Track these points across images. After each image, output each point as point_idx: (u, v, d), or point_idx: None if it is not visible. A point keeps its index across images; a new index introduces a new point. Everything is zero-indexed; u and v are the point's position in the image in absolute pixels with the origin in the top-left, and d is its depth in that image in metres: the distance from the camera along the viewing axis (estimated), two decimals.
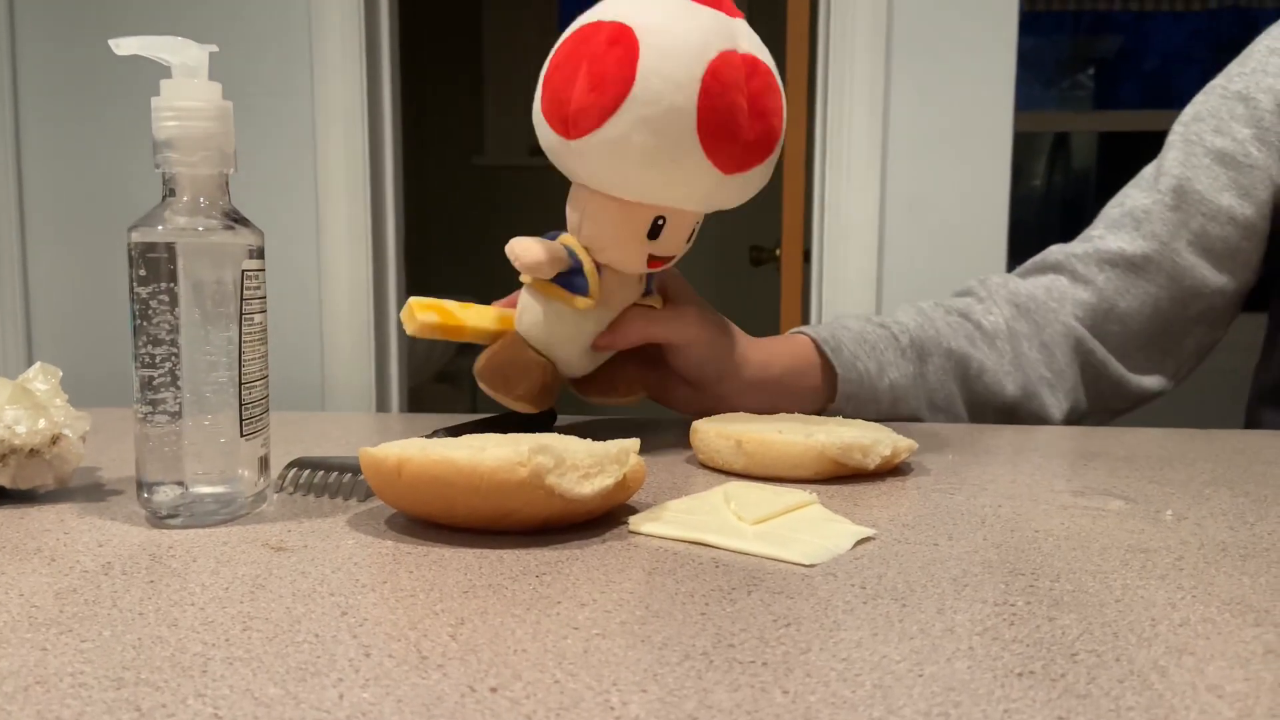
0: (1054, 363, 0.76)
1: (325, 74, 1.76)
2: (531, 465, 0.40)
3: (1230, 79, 0.79)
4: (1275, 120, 0.76)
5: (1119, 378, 0.77)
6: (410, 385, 2.15)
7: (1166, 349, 0.78)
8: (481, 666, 0.29)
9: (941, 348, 0.73)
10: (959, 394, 0.74)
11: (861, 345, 0.71)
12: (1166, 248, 0.76)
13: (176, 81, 0.44)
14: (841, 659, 0.30)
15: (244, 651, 0.30)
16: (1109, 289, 0.77)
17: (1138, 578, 0.38)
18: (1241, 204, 0.76)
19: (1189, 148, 0.78)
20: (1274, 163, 0.76)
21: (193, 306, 0.43)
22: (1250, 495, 0.51)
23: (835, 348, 0.70)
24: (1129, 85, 3.36)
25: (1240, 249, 0.76)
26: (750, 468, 0.54)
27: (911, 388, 0.72)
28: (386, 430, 0.73)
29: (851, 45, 1.66)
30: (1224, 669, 0.30)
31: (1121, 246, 0.77)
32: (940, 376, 0.73)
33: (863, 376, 0.69)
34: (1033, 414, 0.75)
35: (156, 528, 0.44)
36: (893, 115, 1.68)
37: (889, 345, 0.72)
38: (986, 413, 0.75)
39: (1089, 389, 0.77)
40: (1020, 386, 0.74)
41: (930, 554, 0.40)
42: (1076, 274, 0.77)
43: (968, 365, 0.73)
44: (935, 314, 0.76)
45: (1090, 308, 0.77)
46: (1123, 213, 0.79)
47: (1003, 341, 0.75)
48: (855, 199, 1.68)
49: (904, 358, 0.72)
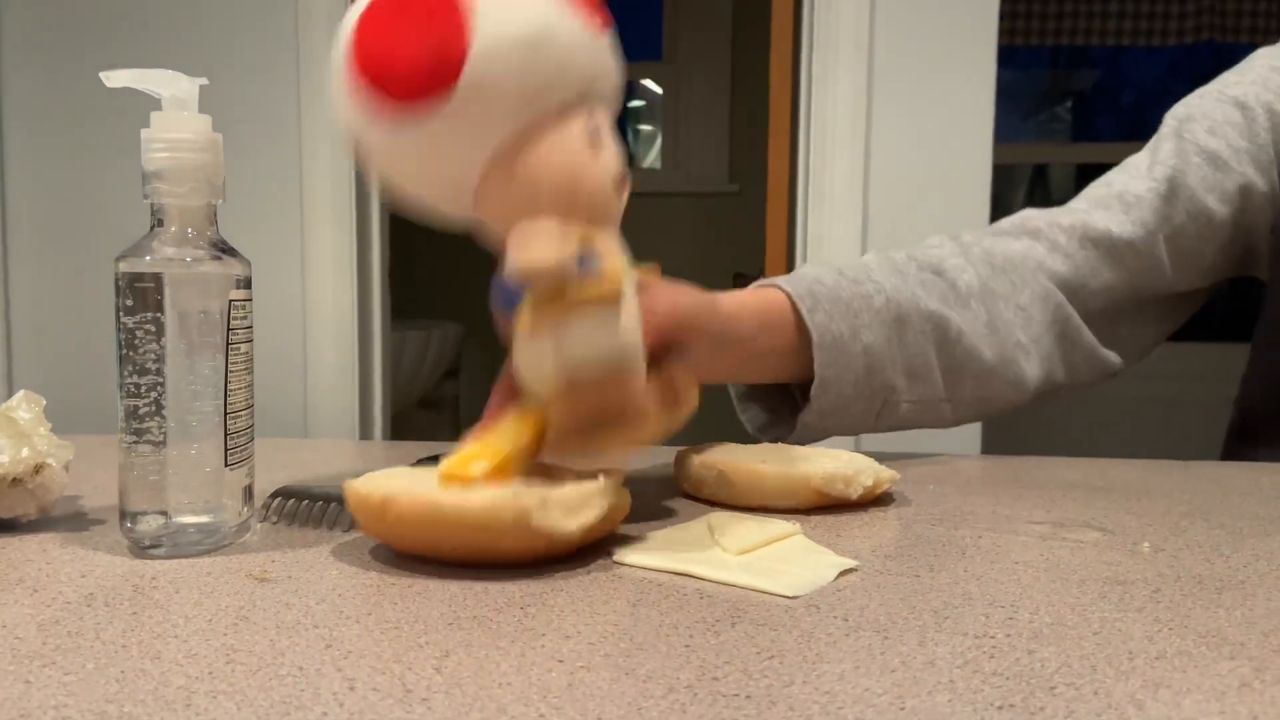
0: (1030, 327, 0.73)
1: (311, 101, 1.76)
2: (515, 508, 0.40)
3: (1227, 85, 0.79)
4: (1270, 138, 0.76)
5: (1090, 347, 0.76)
6: (394, 411, 2.14)
7: (1115, 332, 0.78)
8: (466, 700, 0.30)
9: (920, 310, 0.69)
10: (936, 359, 0.70)
11: (836, 303, 0.66)
12: (1151, 237, 0.75)
13: (167, 114, 0.44)
14: (824, 692, 0.30)
15: (227, 685, 0.30)
16: (1085, 267, 0.75)
17: (1115, 610, 0.38)
18: (1220, 207, 0.76)
19: (1181, 143, 0.77)
20: (1259, 177, 0.76)
21: (179, 336, 0.43)
22: (1226, 527, 0.51)
23: (811, 306, 0.65)
24: (1106, 118, 3.40)
25: (1203, 252, 0.77)
26: (734, 498, 0.54)
27: (886, 353, 0.68)
28: (369, 458, 0.73)
29: (834, 78, 1.68)
30: (1200, 702, 0.30)
31: (1109, 227, 0.75)
32: (919, 341, 0.69)
33: (837, 339, 0.65)
34: (1007, 382, 0.72)
35: (139, 558, 0.44)
36: (874, 146, 1.70)
37: (863, 305, 0.67)
38: (964, 379, 0.71)
39: (1064, 358, 0.75)
40: (996, 352, 0.72)
41: (912, 585, 0.41)
42: (1056, 244, 0.75)
43: (946, 329, 0.70)
44: (907, 269, 0.72)
45: (1063, 280, 0.75)
46: (1111, 194, 0.77)
47: (976, 303, 0.72)
48: (837, 229, 1.70)
49: (879, 319, 0.67)
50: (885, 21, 1.68)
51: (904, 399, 0.70)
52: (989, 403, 0.73)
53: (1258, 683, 0.31)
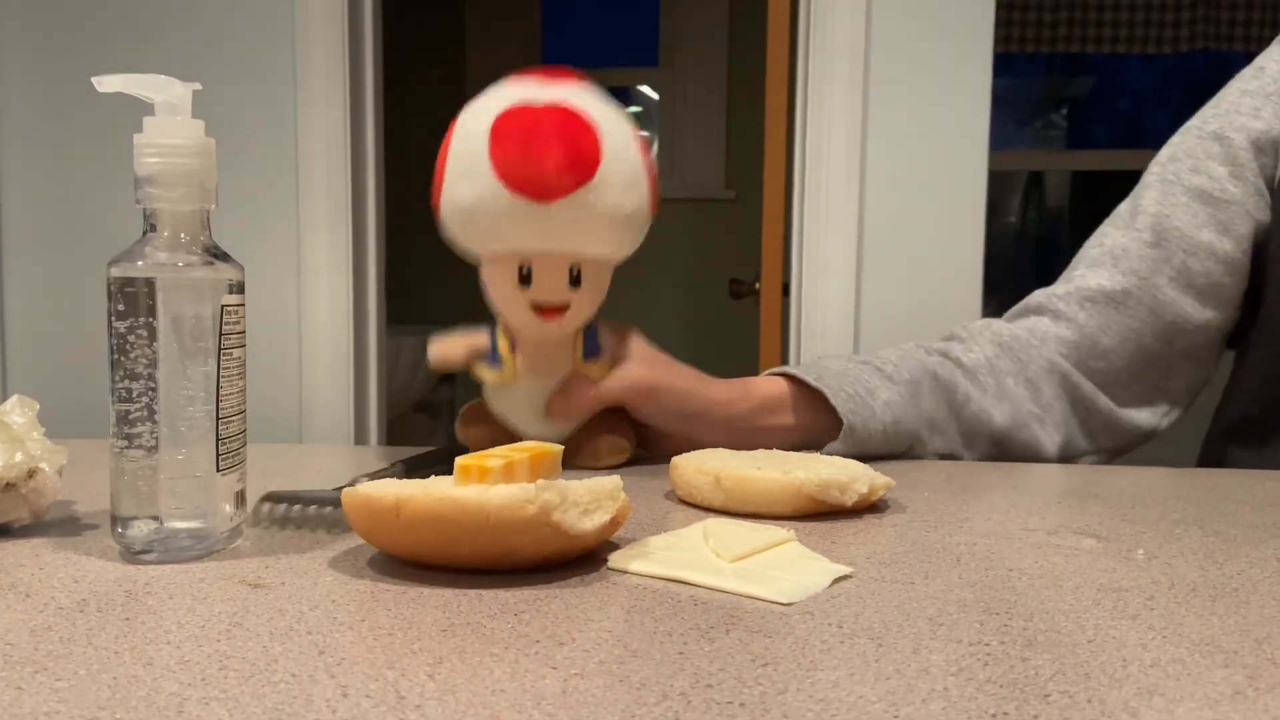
0: (1040, 398, 0.76)
1: (309, 105, 1.76)
2: (539, 502, 0.40)
3: (1205, 120, 0.81)
4: (1249, 157, 0.77)
5: (1108, 413, 0.77)
6: (389, 416, 2.14)
7: (1156, 386, 0.79)
8: (459, 707, 0.29)
9: (929, 374, 0.73)
10: (950, 420, 0.74)
11: (844, 377, 0.71)
12: (1146, 283, 0.77)
13: (159, 119, 0.44)
14: (818, 700, 0.30)
15: (220, 691, 0.30)
16: (1090, 325, 0.77)
17: (1109, 617, 0.38)
18: (1221, 239, 0.77)
19: (1166, 187, 0.79)
20: (1250, 198, 0.77)
21: (171, 341, 0.43)
22: (1220, 535, 0.51)
23: (818, 376, 0.70)
24: (1101, 125, 3.41)
25: (1223, 284, 0.78)
26: (728, 504, 0.54)
27: (906, 406, 0.71)
28: (364, 463, 0.72)
29: (829, 85, 1.68)
30: (1194, 710, 0.30)
31: (1101, 283, 0.78)
32: (933, 399, 0.73)
33: (853, 398, 0.69)
34: (1025, 445, 0.75)
35: (132, 563, 0.44)
36: (870, 153, 1.70)
37: (873, 374, 0.72)
38: (979, 443, 0.75)
39: (1081, 425, 0.77)
40: (1009, 417, 0.75)
41: (906, 592, 0.41)
42: (1058, 313, 0.78)
43: (954, 393, 0.74)
44: (916, 352, 0.76)
45: (1073, 345, 0.77)
46: (1102, 251, 0.80)
47: (985, 375, 0.75)
48: (833, 234, 1.70)
49: (890, 382, 0.72)
50: (881, 28, 1.68)
51: (928, 451, 0.74)
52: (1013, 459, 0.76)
53: (1251, 690, 0.31)
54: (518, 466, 0.45)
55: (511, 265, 0.62)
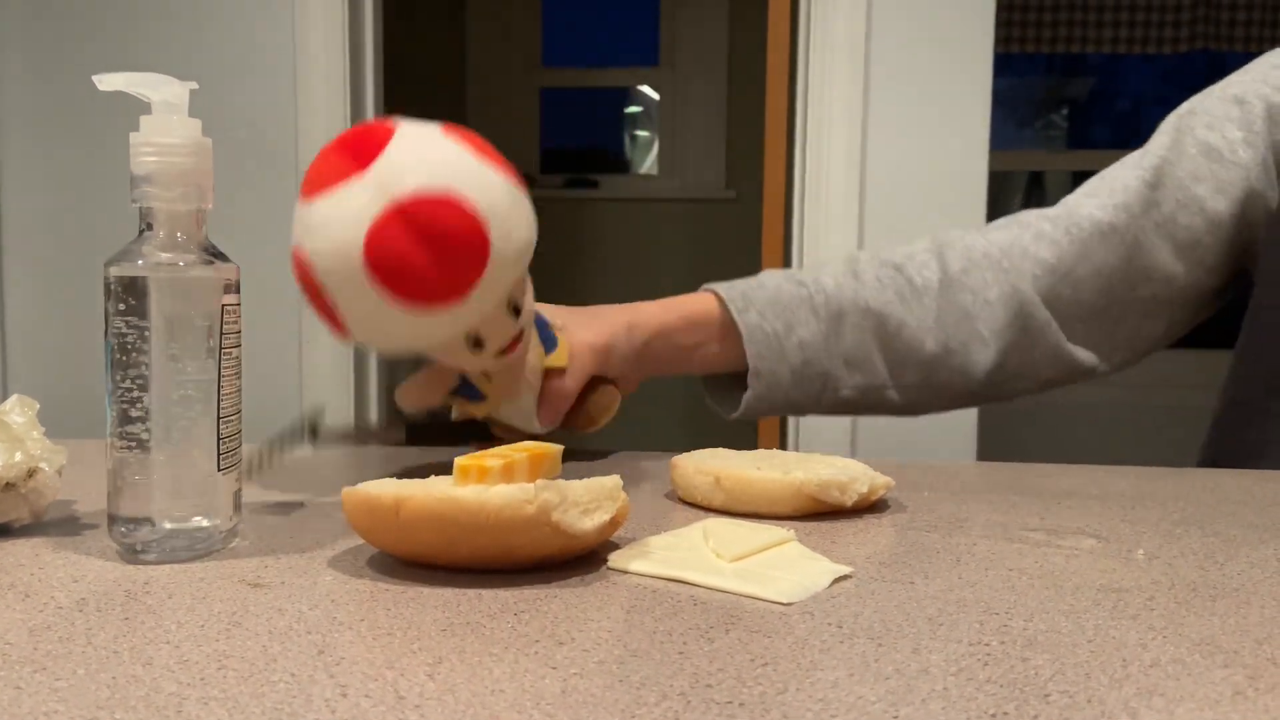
0: (994, 320, 0.77)
1: (309, 105, 1.76)
2: (539, 502, 0.40)
3: (1229, 84, 0.81)
4: (1264, 127, 0.78)
5: (1056, 345, 0.78)
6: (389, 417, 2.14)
7: (1106, 328, 0.80)
8: (459, 707, 0.29)
9: (859, 306, 0.74)
10: (877, 350, 0.75)
11: (772, 304, 0.73)
12: (1135, 222, 0.78)
13: (156, 117, 0.44)
14: (818, 700, 0.30)
15: (219, 691, 0.30)
16: (1070, 253, 0.78)
17: (1109, 618, 0.38)
18: (1215, 198, 0.77)
19: (1179, 136, 0.80)
20: (1255, 166, 0.78)
21: (169, 341, 0.43)
22: (1220, 535, 0.51)
23: (743, 308, 0.72)
24: (1102, 126, 3.41)
25: (1202, 242, 0.78)
26: (728, 504, 0.54)
27: (822, 346, 0.73)
28: (365, 464, 0.72)
29: (830, 85, 1.68)
30: (1194, 710, 0.30)
31: (1093, 212, 0.79)
32: (856, 334, 0.74)
33: (769, 336, 0.71)
34: (954, 369, 0.76)
35: (131, 563, 0.44)
36: (870, 153, 1.70)
37: (802, 304, 0.73)
38: (907, 368, 0.76)
39: (1024, 353, 0.78)
40: (941, 343, 0.76)
41: (906, 592, 0.41)
42: (1042, 232, 0.79)
43: (886, 322, 0.75)
44: (865, 269, 0.77)
45: (1049, 268, 0.78)
46: (1102, 184, 0.81)
47: (930, 298, 0.76)
48: (834, 235, 1.70)
49: (815, 316, 0.73)
50: (882, 28, 1.68)
51: (845, 386, 0.75)
52: (937, 390, 0.77)
53: (1251, 691, 0.31)
54: (517, 466, 0.45)
55: (457, 344, 0.57)
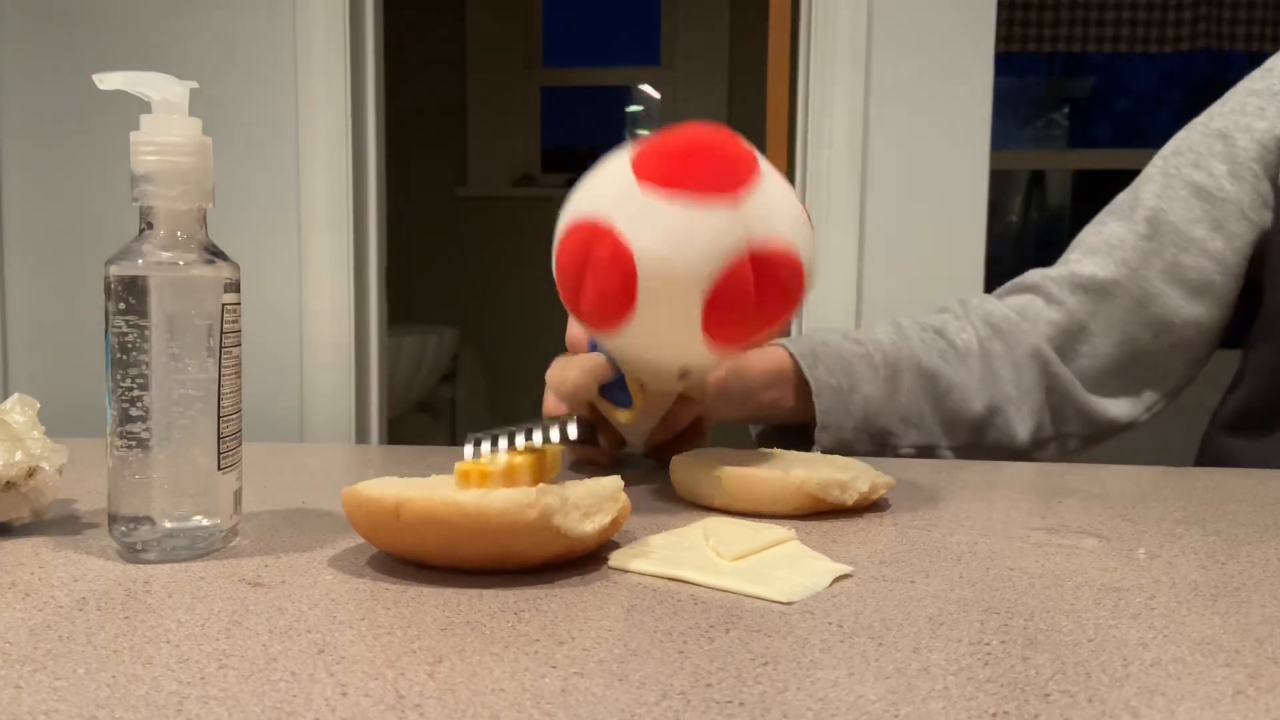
0: (1021, 381, 0.77)
1: (310, 105, 1.76)
2: (540, 506, 0.40)
3: (1211, 117, 0.82)
4: (1249, 157, 0.79)
5: (1083, 403, 0.79)
6: (390, 416, 2.14)
7: (1144, 379, 0.80)
8: (459, 706, 0.29)
9: (914, 365, 0.75)
10: (931, 410, 0.75)
11: (837, 361, 0.73)
12: (1136, 274, 0.78)
13: (156, 116, 0.44)
14: (818, 699, 0.30)
15: (220, 690, 0.30)
16: (1079, 311, 0.79)
17: (1110, 617, 0.38)
18: (1213, 236, 0.78)
19: (1168, 180, 0.80)
20: (1247, 197, 0.78)
21: (170, 340, 0.43)
22: (1221, 534, 0.51)
23: (812, 365, 0.72)
24: (1103, 124, 3.41)
25: (1214, 282, 0.78)
26: (729, 503, 0.54)
27: (884, 402, 0.74)
28: (367, 462, 0.72)
29: (831, 85, 1.68)
30: (1194, 710, 0.30)
31: (1094, 271, 0.79)
32: (912, 393, 0.75)
33: (836, 391, 0.72)
34: (999, 430, 0.77)
35: (131, 562, 0.44)
36: (871, 152, 1.70)
37: (862, 361, 0.74)
38: (958, 429, 0.76)
39: (1053, 412, 0.79)
40: (986, 404, 0.76)
41: (907, 591, 0.41)
42: (1050, 295, 0.80)
43: (937, 382, 0.75)
44: (911, 331, 0.78)
45: (1061, 328, 0.79)
46: (1098, 240, 0.81)
47: (974, 360, 0.77)
48: (835, 236, 1.70)
49: (876, 375, 0.74)
50: (882, 28, 1.68)
51: (903, 444, 0.76)
52: (989, 451, 0.78)
53: (1252, 690, 0.31)
54: (519, 470, 0.45)
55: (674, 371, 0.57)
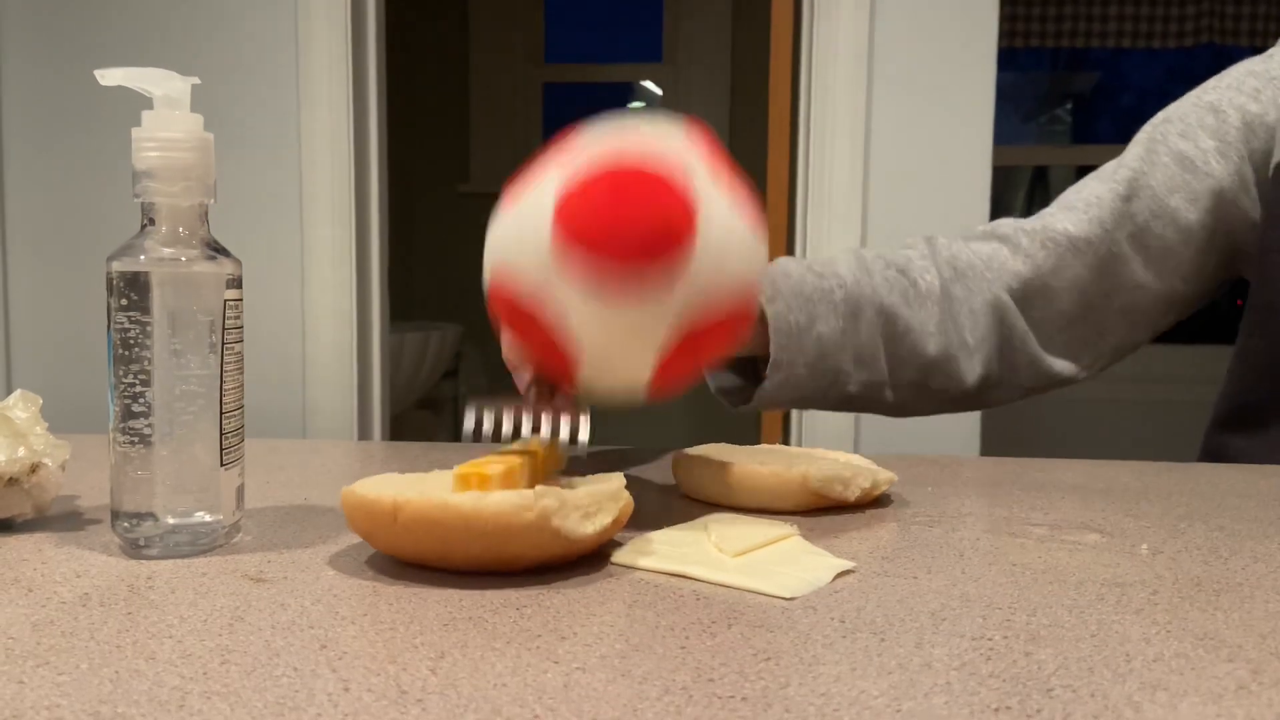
0: (976, 328, 0.77)
1: (312, 101, 1.76)
2: (538, 508, 0.40)
3: (1205, 90, 0.82)
4: (1238, 136, 0.79)
5: (1033, 355, 0.79)
6: (393, 412, 2.14)
7: (1085, 338, 0.80)
8: (461, 701, 0.29)
9: (875, 303, 0.74)
10: (883, 349, 0.75)
11: (797, 296, 0.72)
12: (1109, 235, 0.78)
13: (158, 112, 0.44)
14: (820, 694, 0.30)
15: (222, 686, 0.30)
16: (1045, 265, 0.78)
17: (1113, 612, 0.38)
18: (1188, 208, 0.78)
19: (1152, 145, 0.80)
20: (1230, 177, 0.78)
21: (172, 336, 0.43)
22: (1224, 530, 0.51)
23: (771, 296, 0.71)
24: (1106, 120, 3.40)
25: (1174, 252, 0.78)
26: (731, 499, 0.54)
27: (839, 340, 0.73)
28: (369, 458, 0.72)
29: (833, 81, 1.67)
30: (1197, 705, 0.30)
31: (1067, 227, 0.79)
32: (869, 331, 0.74)
33: (792, 329, 0.71)
34: (948, 375, 0.77)
35: (134, 558, 0.44)
36: (874, 148, 1.70)
37: (823, 299, 0.73)
38: (906, 369, 0.76)
39: (1004, 361, 0.79)
40: (941, 349, 0.76)
41: (909, 587, 0.41)
42: (1019, 246, 0.79)
43: (895, 323, 0.75)
44: (874, 266, 0.77)
45: (1024, 281, 0.79)
46: (1077, 198, 0.81)
47: (933, 304, 0.76)
48: (837, 231, 1.69)
49: (835, 313, 0.73)
50: (885, 24, 1.68)
51: (851, 382, 0.75)
52: (930, 394, 0.78)
53: (1255, 685, 0.31)
54: (517, 472, 0.45)
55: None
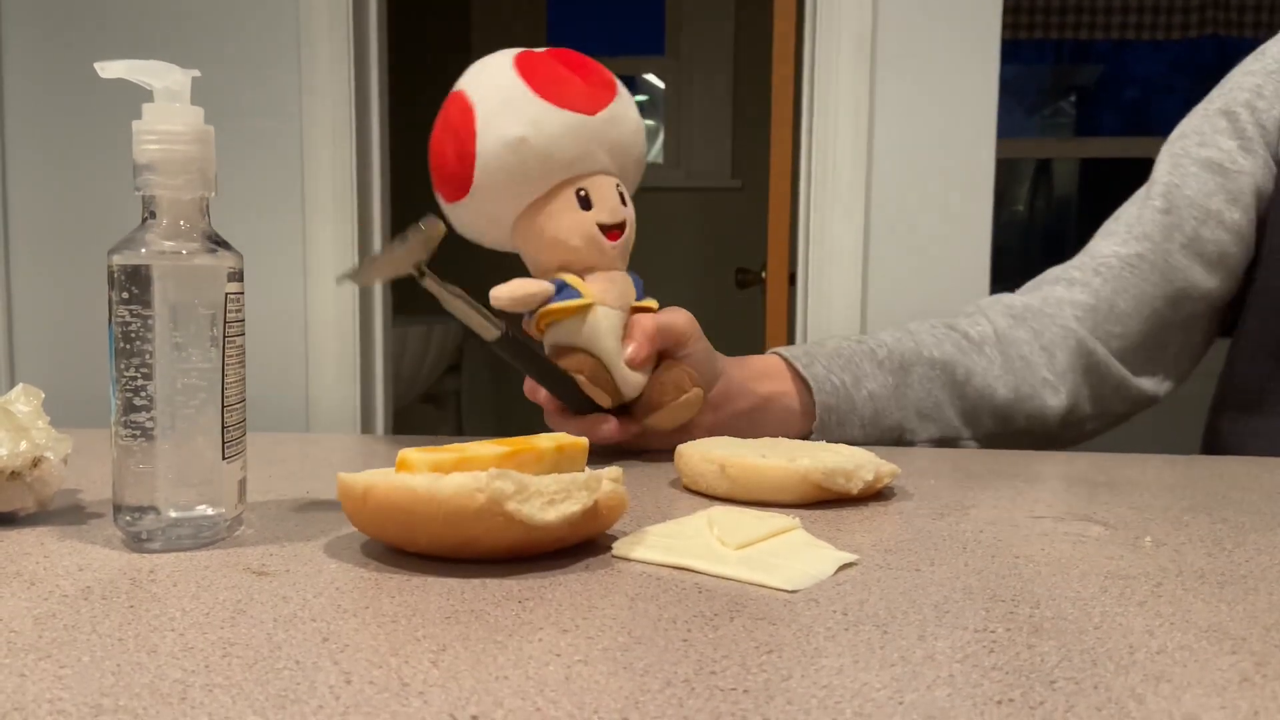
0: (1055, 364, 0.77)
1: (314, 94, 1.76)
2: (489, 491, 0.39)
3: (1211, 100, 0.83)
4: (1256, 130, 0.79)
5: (1120, 379, 0.79)
6: (396, 407, 2.14)
7: (1159, 354, 0.80)
8: (463, 694, 0.29)
9: (924, 357, 0.74)
10: (949, 401, 0.75)
11: (835, 360, 0.72)
12: (1159, 247, 0.78)
13: (158, 105, 0.44)
14: (823, 686, 0.30)
15: (224, 679, 0.30)
16: (1106, 290, 0.78)
17: (1116, 604, 0.38)
18: (1230, 208, 0.78)
19: (1175, 160, 0.81)
20: (1260, 168, 0.79)
21: (174, 330, 0.43)
22: (1228, 522, 0.51)
23: (807, 364, 0.71)
24: (1110, 113, 3.39)
25: (1230, 253, 0.79)
26: (734, 492, 0.54)
27: (892, 398, 0.73)
28: (371, 452, 0.72)
29: (836, 73, 1.67)
30: (1200, 697, 0.30)
31: (1115, 249, 0.79)
32: (925, 385, 0.74)
33: (838, 389, 0.71)
34: (1029, 415, 0.76)
35: (135, 551, 0.44)
36: (877, 141, 1.69)
37: (865, 358, 0.73)
38: (982, 416, 0.76)
39: (1093, 391, 0.78)
40: (1012, 389, 0.76)
41: (912, 580, 0.41)
42: (1073, 281, 0.80)
43: (954, 371, 0.74)
44: (919, 329, 0.77)
45: (1089, 309, 0.78)
46: (1116, 224, 0.82)
47: (990, 348, 0.76)
48: (840, 223, 1.69)
49: (881, 369, 0.73)
50: (888, 16, 1.68)
51: (919, 439, 0.74)
52: (1017, 437, 0.77)
53: (1259, 677, 0.31)
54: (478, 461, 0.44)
55: (569, 193, 0.64)
